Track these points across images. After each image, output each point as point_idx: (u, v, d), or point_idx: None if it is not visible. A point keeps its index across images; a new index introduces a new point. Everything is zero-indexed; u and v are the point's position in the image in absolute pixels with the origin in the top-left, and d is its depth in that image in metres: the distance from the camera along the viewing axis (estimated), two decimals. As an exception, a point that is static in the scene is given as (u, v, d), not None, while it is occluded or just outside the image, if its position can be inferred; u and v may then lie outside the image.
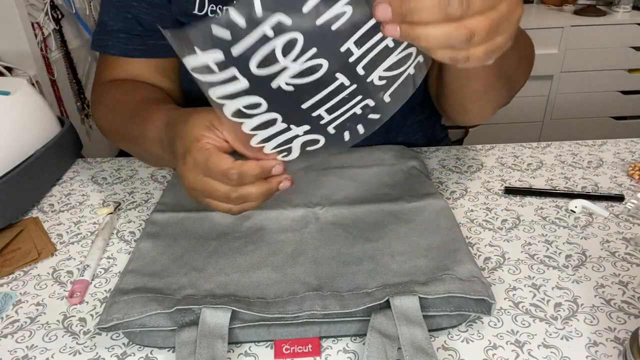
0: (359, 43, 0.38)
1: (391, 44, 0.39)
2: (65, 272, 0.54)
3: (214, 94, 0.38)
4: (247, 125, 0.40)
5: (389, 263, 0.48)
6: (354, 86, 0.39)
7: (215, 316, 0.43)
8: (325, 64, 0.37)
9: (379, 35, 0.38)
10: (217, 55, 0.35)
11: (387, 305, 0.44)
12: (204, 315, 0.43)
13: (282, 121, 0.40)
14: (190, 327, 0.43)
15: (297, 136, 0.42)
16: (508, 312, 0.47)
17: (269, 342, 0.44)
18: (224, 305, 0.43)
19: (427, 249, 0.50)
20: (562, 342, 0.43)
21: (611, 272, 0.51)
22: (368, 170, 0.64)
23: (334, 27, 0.35)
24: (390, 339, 0.41)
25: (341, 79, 0.39)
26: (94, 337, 0.46)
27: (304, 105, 0.39)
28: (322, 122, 0.41)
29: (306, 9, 0.34)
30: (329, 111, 0.41)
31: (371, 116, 0.43)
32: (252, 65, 0.36)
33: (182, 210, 0.58)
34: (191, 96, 0.75)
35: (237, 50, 0.35)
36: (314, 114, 0.40)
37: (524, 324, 0.45)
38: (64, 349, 0.45)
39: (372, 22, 0.37)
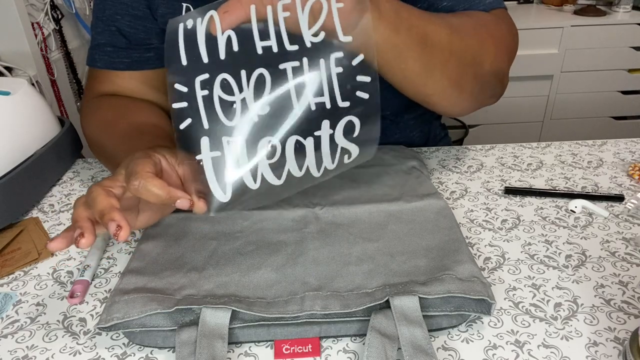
0: (263, 37, 0.41)
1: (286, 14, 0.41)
2: (65, 272, 0.54)
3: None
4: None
5: (388, 263, 0.48)
6: (305, 59, 0.42)
7: (215, 316, 0.43)
8: (264, 72, 0.41)
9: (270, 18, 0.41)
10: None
11: (387, 305, 0.44)
12: (204, 315, 0.43)
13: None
14: (190, 327, 0.43)
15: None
16: (508, 312, 0.47)
17: (269, 342, 0.44)
18: (224, 305, 0.43)
19: (427, 249, 0.50)
20: (562, 342, 0.43)
21: (611, 272, 0.51)
22: (368, 170, 0.64)
23: (234, 48, 0.41)
24: (390, 339, 0.41)
25: (288, 65, 0.42)
26: (94, 337, 0.46)
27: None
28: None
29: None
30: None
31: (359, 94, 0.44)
32: (223, 119, 0.42)
33: (183, 211, 0.57)
34: None
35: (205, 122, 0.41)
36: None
37: (524, 324, 0.45)
38: (64, 349, 0.45)
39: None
